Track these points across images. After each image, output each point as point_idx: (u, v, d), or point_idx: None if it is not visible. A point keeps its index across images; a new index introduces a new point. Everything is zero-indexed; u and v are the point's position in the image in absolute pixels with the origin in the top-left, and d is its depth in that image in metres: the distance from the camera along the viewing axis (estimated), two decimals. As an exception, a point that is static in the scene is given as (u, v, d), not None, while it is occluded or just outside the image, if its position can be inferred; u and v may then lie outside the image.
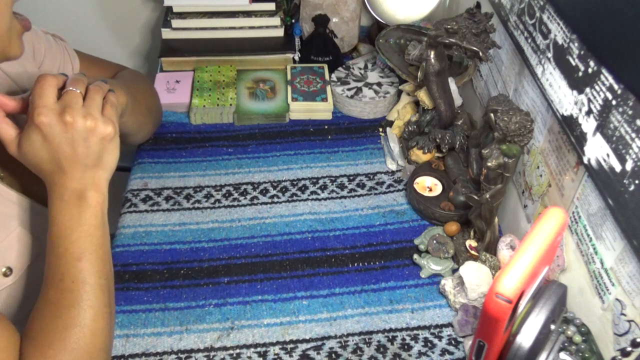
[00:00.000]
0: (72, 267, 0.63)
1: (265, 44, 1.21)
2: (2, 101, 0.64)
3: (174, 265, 0.86)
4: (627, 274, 0.59)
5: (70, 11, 1.40)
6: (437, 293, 0.83)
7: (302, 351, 0.76)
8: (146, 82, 0.98)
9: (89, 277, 0.63)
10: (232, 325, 0.78)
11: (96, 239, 0.65)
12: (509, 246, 0.81)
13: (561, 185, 0.74)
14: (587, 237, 0.67)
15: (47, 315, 0.62)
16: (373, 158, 1.04)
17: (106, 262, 0.66)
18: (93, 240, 0.65)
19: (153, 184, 0.98)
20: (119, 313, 0.79)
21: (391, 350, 0.76)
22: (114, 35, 1.47)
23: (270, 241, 0.89)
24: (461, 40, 0.82)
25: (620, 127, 0.59)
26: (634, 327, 0.59)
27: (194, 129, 1.09)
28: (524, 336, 0.59)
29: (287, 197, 0.96)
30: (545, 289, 0.63)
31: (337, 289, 0.83)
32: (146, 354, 0.75)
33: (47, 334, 0.61)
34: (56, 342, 0.60)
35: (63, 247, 0.63)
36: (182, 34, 1.20)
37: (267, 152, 1.04)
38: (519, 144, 0.75)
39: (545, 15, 0.75)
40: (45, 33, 0.85)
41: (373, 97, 1.10)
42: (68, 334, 0.61)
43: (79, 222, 0.64)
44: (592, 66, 0.64)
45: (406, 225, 0.92)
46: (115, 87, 0.72)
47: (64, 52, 0.86)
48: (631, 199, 0.57)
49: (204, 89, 1.13)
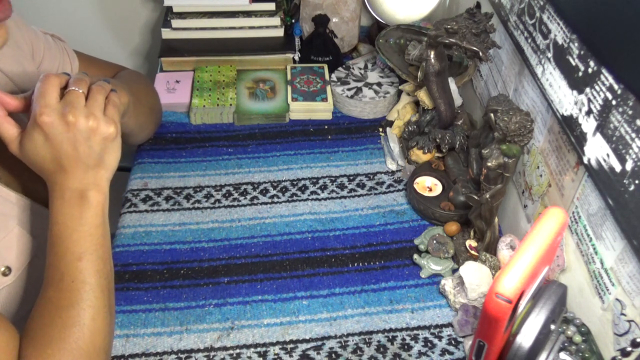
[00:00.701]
0: (72, 266, 0.63)
1: (265, 44, 1.21)
2: (5, 100, 0.64)
3: (174, 265, 0.86)
4: (627, 274, 0.59)
5: (70, 11, 1.40)
6: (437, 293, 0.83)
7: (302, 351, 0.76)
8: (146, 82, 0.98)
9: (89, 277, 0.63)
10: (232, 325, 0.78)
11: (97, 238, 0.65)
12: (509, 246, 0.81)
13: (561, 185, 0.74)
14: (587, 237, 0.67)
15: (47, 314, 0.62)
16: (373, 158, 1.04)
17: (106, 262, 0.66)
18: (94, 240, 0.64)
19: (153, 184, 0.98)
20: (118, 313, 0.79)
21: (391, 350, 0.76)
22: (114, 35, 1.47)
23: (270, 241, 0.89)
24: (461, 40, 0.82)
25: (620, 127, 0.59)
26: (634, 327, 0.59)
27: (194, 129, 1.09)
28: (524, 336, 0.59)
29: (287, 197, 0.96)
30: (545, 289, 0.63)
31: (337, 289, 0.83)
32: (146, 354, 0.75)
33: (46, 333, 0.61)
34: (55, 341, 0.60)
35: (63, 246, 0.63)
36: (182, 34, 1.20)
37: (267, 152, 1.04)
38: (519, 144, 0.75)
39: (545, 15, 0.75)
40: (45, 33, 0.85)
41: (373, 97, 1.10)
42: (67, 333, 0.61)
43: (80, 221, 0.64)
44: (592, 66, 0.64)
45: (406, 225, 0.92)
46: (117, 87, 0.72)
47: (63, 53, 0.86)
48: (631, 199, 0.57)
49: (204, 89, 1.13)
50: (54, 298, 0.62)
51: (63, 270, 0.63)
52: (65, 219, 0.64)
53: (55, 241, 0.64)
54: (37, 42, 0.81)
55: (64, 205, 0.64)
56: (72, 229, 0.64)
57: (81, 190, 0.64)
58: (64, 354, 0.60)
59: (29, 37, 0.80)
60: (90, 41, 1.41)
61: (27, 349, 0.60)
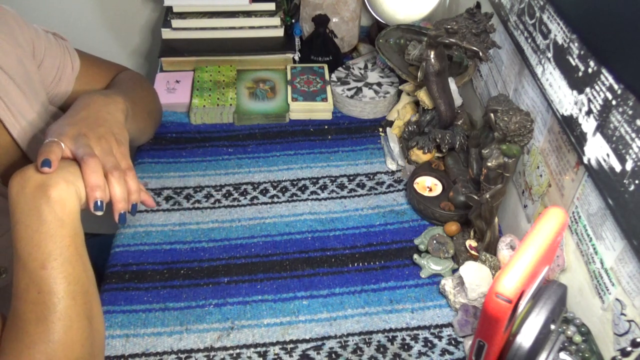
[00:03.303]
0: (36, 276, 0.57)
1: (265, 44, 1.21)
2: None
3: (174, 265, 0.86)
4: (627, 274, 0.59)
5: (70, 11, 1.40)
6: (437, 293, 0.83)
7: (302, 351, 0.76)
8: (146, 84, 0.97)
9: (56, 285, 0.58)
10: (232, 325, 0.78)
11: (60, 239, 0.59)
12: (509, 246, 0.81)
13: (561, 185, 0.74)
14: (587, 237, 0.67)
15: (15, 329, 0.58)
16: (373, 158, 1.04)
17: (76, 265, 0.60)
18: (57, 241, 0.58)
19: (153, 184, 0.98)
20: (118, 313, 0.79)
21: (391, 350, 0.76)
22: (114, 35, 1.47)
23: (270, 241, 0.89)
24: (461, 40, 0.82)
25: (620, 127, 0.59)
26: (634, 327, 0.59)
27: (194, 129, 1.09)
28: (524, 336, 0.59)
29: (287, 197, 0.96)
30: (545, 289, 0.63)
31: (337, 289, 0.83)
32: (146, 354, 0.75)
33: (13, 350, 0.57)
34: (23, 359, 0.56)
35: (26, 252, 0.58)
36: (182, 34, 1.20)
37: (267, 152, 1.04)
38: (519, 144, 0.75)
39: (545, 15, 0.75)
40: (46, 32, 0.84)
41: (373, 97, 1.10)
42: (35, 350, 0.56)
43: (40, 220, 0.58)
44: (592, 66, 0.64)
45: (406, 225, 0.92)
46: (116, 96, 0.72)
47: (64, 52, 0.86)
48: (631, 199, 0.57)
49: (204, 89, 1.13)
50: (20, 311, 0.58)
51: (27, 281, 0.58)
52: (24, 217, 0.58)
53: (17, 245, 0.58)
54: (38, 40, 0.81)
55: (25, 201, 0.58)
56: (33, 229, 0.58)
57: (40, 183, 0.59)
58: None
59: (30, 36, 0.79)
60: (90, 41, 1.41)
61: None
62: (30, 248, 0.58)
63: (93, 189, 0.61)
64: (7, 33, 0.75)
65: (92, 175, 0.61)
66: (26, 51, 0.78)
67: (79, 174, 0.62)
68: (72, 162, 0.63)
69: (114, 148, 0.66)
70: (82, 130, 0.65)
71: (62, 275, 0.58)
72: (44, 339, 0.57)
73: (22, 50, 0.77)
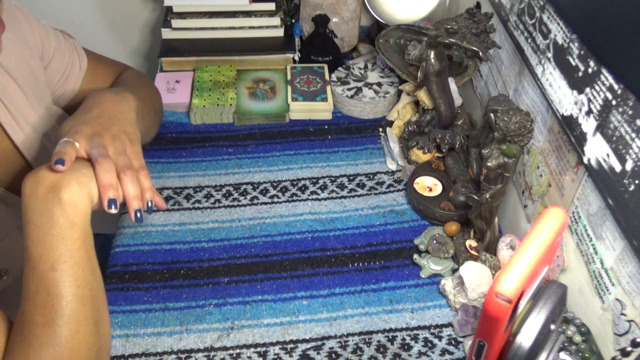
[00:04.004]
0: (46, 278, 0.57)
1: (265, 44, 1.21)
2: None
3: (174, 265, 0.86)
4: (627, 274, 0.59)
5: (70, 11, 1.40)
6: (437, 293, 0.83)
7: (302, 351, 0.76)
8: (150, 83, 0.97)
9: (65, 288, 0.58)
10: (232, 325, 0.78)
11: (71, 241, 0.58)
12: (509, 246, 0.81)
13: (561, 185, 0.74)
14: (587, 237, 0.67)
15: (23, 331, 0.58)
16: (373, 158, 1.04)
17: (85, 268, 0.60)
18: (67, 243, 0.58)
19: (153, 184, 0.98)
20: (118, 313, 0.79)
21: (391, 350, 0.76)
22: (114, 35, 1.47)
23: (270, 241, 0.89)
24: (461, 40, 0.82)
25: (620, 127, 0.59)
26: (634, 327, 0.59)
27: (194, 129, 1.09)
28: (524, 336, 0.59)
29: (287, 197, 0.96)
30: (545, 289, 0.63)
31: (337, 289, 0.83)
32: (146, 354, 0.75)
33: (21, 352, 0.57)
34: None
35: (36, 253, 0.58)
36: (182, 34, 1.20)
37: (267, 152, 1.04)
38: (519, 144, 0.75)
39: (545, 15, 0.75)
40: (55, 29, 0.84)
41: (373, 97, 1.10)
42: (42, 354, 0.56)
43: (51, 222, 0.58)
44: (592, 66, 0.64)
45: (406, 225, 0.92)
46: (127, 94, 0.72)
47: (72, 50, 0.85)
48: (631, 199, 0.57)
49: (204, 89, 1.13)
50: (28, 314, 0.57)
51: (37, 283, 0.57)
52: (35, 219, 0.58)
53: (28, 248, 0.58)
54: (48, 40, 0.80)
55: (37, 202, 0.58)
56: (45, 231, 0.58)
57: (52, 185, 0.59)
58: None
59: (40, 36, 0.78)
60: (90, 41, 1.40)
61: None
62: (41, 250, 0.57)
63: (105, 188, 0.61)
64: (15, 33, 0.74)
65: (105, 175, 0.61)
66: (34, 52, 0.77)
67: (92, 175, 0.61)
68: (86, 163, 0.63)
69: (127, 147, 0.66)
70: (96, 129, 0.65)
71: (72, 278, 0.58)
72: (51, 342, 0.57)
73: (30, 51, 0.76)
